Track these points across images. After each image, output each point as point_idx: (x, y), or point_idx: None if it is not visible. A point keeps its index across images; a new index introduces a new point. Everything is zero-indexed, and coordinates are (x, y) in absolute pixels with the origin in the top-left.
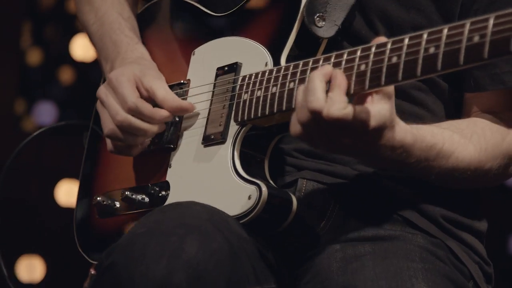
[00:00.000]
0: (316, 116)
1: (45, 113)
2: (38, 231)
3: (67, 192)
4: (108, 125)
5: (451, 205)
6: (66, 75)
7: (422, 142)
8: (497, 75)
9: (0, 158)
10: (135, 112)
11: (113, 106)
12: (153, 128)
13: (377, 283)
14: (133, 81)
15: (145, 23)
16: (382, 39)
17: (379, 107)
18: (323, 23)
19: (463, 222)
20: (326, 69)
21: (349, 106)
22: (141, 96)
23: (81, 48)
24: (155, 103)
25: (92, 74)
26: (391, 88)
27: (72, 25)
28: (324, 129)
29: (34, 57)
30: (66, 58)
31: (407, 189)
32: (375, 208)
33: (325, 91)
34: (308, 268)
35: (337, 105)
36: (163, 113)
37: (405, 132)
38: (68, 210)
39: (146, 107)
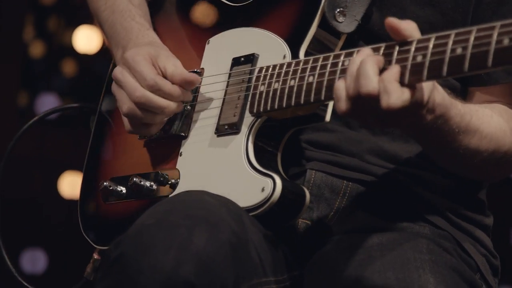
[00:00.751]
0: (370, 100)
1: (48, 106)
2: (41, 224)
3: (70, 184)
4: (126, 103)
5: (458, 198)
6: (69, 67)
7: (456, 108)
8: (510, 68)
9: (3, 151)
10: (154, 89)
11: (131, 84)
12: (172, 106)
13: (384, 274)
14: (149, 59)
15: (157, 10)
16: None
17: (426, 84)
18: (344, 18)
19: (470, 215)
20: (379, 58)
21: (405, 90)
22: (158, 74)
23: (84, 40)
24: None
25: (95, 66)
26: None
27: (75, 17)
28: (379, 115)
29: (36, 49)
30: (69, 50)
31: (415, 182)
32: (383, 199)
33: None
34: (316, 259)
35: (394, 95)
36: (181, 89)
37: (443, 94)
38: (71, 202)
39: (165, 84)
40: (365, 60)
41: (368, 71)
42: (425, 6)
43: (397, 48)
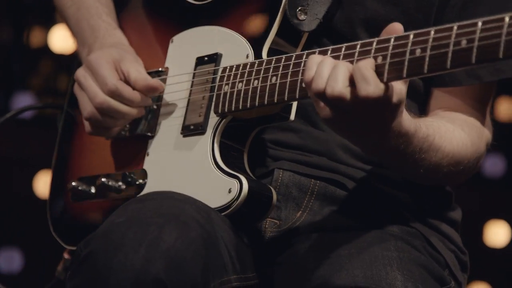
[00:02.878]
0: (339, 101)
1: (24, 104)
2: (16, 223)
3: (45, 184)
4: (86, 108)
5: (426, 195)
6: (45, 67)
7: (419, 132)
8: (472, 70)
9: None
10: (115, 94)
11: (92, 88)
12: (132, 112)
13: (352, 272)
14: (112, 63)
15: (122, 8)
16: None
17: (400, 86)
18: (305, 16)
19: (438, 211)
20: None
21: (380, 83)
22: (120, 79)
23: (60, 40)
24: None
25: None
26: None
27: (52, 17)
28: (352, 110)
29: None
30: (46, 50)
31: (382, 180)
32: (351, 198)
33: None
34: (285, 258)
35: (373, 83)
36: (142, 96)
37: (410, 121)
38: (44, 202)
39: (126, 89)
40: (338, 65)
41: (369, 75)
42: (387, 4)
43: (358, 47)
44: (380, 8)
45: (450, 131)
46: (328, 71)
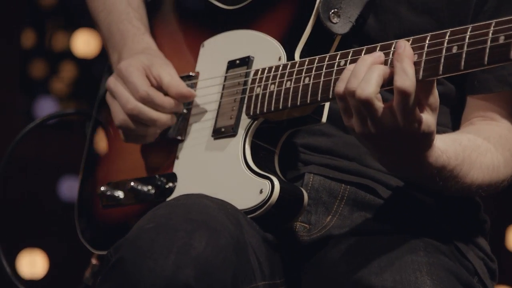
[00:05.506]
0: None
1: (46, 110)
2: (39, 226)
3: (70, 188)
4: (119, 116)
5: (455, 202)
6: (67, 71)
7: (449, 165)
8: (503, 77)
9: (2, 154)
10: (146, 100)
11: (124, 95)
12: (163, 118)
13: (381, 276)
14: (142, 70)
15: (153, 13)
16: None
17: (428, 118)
18: (338, 19)
19: (467, 218)
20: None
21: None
22: (151, 85)
23: (83, 44)
24: (166, 93)
25: (94, 69)
26: (436, 103)
27: (74, 21)
28: (375, 119)
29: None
30: (68, 53)
31: (412, 186)
32: (381, 203)
33: None
34: (314, 262)
35: (411, 73)
36: (173, 101)
37: (441, 154)
38: (71, 205)
39: (158, 95)
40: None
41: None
42: (422, 14)
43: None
44: (414, 17)
45: (483, 154)
46: (363, 72)
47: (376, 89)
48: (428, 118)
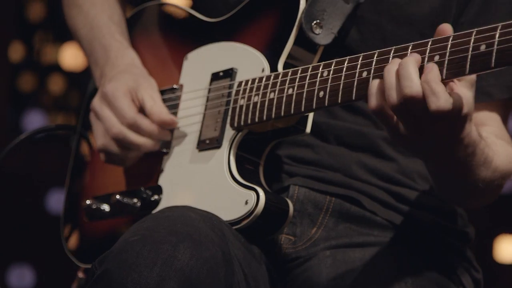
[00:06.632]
0: (414, 103)
1: (35, 123)
2: (27, 239)
3: (58, 201)
4: (101, 138)
5: (441, 212)
6: (56, 84)
7: (480, 143)
8: (483, 88)
9: None
10: (133, 127)
11: (109, 118)
12: (148, 144)
13: None
14: (128, 94)
15: (134, 28)
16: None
17: (468, 94)
18: (320, 30)
19: (452, 228)
20: (417, 56)
21: (450, 95)
22: (137, 109)
23: (71, 57)
24: None
25: (82, 83)
26: (473, 77)
27: (62, 34)
28: (421, 119)
29: (23, 65)
30: (56, 67)
31: (397, 196)
32: (365, 214)
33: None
34: (299, 274)
35: (443, 96)
36: (160, 129)
37: (475, 130)
38: (58, 218)
39: (145, 123)
40: (406, 61)
41: (411, 73)
42: (403, 25)
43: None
44: (396, 29)
45: (496, 144)
46: (415, 73)
47: (418, 81)
48: (468, 96)
